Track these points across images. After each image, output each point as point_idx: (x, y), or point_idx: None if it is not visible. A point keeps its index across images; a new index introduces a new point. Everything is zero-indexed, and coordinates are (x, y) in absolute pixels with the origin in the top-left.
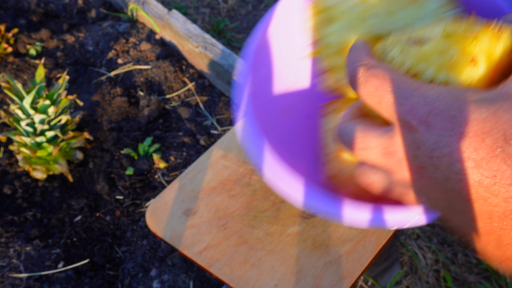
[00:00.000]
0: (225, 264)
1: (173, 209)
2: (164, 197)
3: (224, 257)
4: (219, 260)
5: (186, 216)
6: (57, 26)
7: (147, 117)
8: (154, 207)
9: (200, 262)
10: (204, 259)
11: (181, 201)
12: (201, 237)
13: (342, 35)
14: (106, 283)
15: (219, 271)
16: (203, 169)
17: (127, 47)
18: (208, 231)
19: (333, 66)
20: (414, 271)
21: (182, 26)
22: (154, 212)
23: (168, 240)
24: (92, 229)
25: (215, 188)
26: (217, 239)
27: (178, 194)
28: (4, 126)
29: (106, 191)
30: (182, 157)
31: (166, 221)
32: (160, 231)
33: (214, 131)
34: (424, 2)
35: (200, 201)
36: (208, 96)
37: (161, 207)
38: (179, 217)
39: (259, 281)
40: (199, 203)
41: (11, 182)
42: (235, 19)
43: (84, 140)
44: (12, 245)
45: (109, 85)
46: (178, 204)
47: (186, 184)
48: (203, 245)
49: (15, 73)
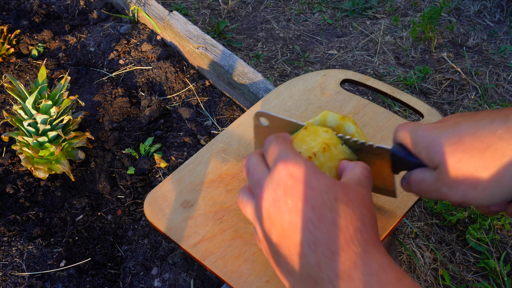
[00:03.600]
0: (219, 257)
1: (171, 200)
2: (163, 188)
3: (218, 251)
4: (213, 253)
5: (183, 208)
6: (59, 27)
7: (148, 117)
8: (153, 197)
9: (195, 254)
10: (198, 251)
11: (179, 193)
12: (197, 230)
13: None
14: (107, 281)
15: (213, 264)
16: (203, 162)
17: (128, 48)
18: (204, 223)
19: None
20: (413, 270)
21: (183, 27)
22: (152, 202)
23: (165, 230)
24: (93, 228)
25: (213, 182)
26: (212, 232)
27: (177, 185)
28: (7, 126)
29: (107, 191)
30: (183, 156)
31: (163, 211)
32: (157, 221)
33: (214, 131)
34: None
35: (198, 193)
36: (208, 96)
37: (159, 198)
38: (176, 208)
39: (251, 275)
40: (196, 195)
41: (13, 181)
42: (235, 20)
43: (86, 140)
44: (15, 244)
45: (111, 86)
46: (177, 196)
47: (185, 176)
48: (198, 238)
49: (18, 73)
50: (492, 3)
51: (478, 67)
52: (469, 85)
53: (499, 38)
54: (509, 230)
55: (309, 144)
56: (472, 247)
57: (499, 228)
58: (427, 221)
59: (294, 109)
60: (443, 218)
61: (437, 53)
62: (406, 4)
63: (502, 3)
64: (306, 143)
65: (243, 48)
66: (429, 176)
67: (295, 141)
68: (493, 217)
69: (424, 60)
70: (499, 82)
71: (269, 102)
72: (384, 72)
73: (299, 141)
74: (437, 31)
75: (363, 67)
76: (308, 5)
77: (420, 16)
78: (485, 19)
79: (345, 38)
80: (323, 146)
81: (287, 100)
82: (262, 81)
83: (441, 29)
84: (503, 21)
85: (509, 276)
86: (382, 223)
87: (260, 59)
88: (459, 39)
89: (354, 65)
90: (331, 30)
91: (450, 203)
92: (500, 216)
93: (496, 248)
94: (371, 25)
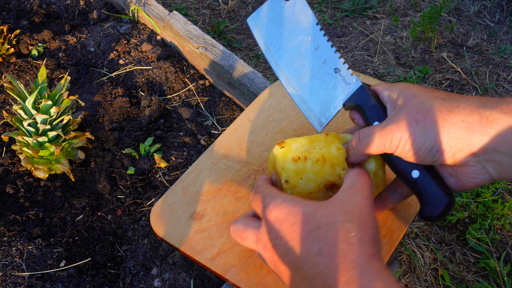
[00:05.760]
0: (241, 270)
1: (178, 213)
2: (167, 200)
3: (239, 263)
4: (233, 266)
5: (193, 220)
6: (59, 27)
7: (148, 117)
8: (158, 211)
9: (214, 269)
10: (218, 265)
11: (186, 204)
12: (212, 242)
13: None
14: (107, 281)
15: (235, 278)
16: (205, 170)
17: (128, 47)
18: (218, 235)
19: None
20: (413, 270)
21: (183, 27)
22: (158, 216)
23: (178, 246)
24: (93, 228)
25: (220, 190)
26: (229, 243)
27: (181, 196)
28: (7, 126)
29: (107, 191)
30: (183, 156)
31: (172, 225)
32: (168, 237)
33: (214, 131)
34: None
35: (206, 203)
36: (208, 96)
37: (166, 211)
38: (185, 221)
39: (277, 286)
40: (205, 205)
41: (13, 181)
42: (235, 20)
43: (86, 140)
44: (15, 244)
45: (111, 86)
46: (183, 207)
47: (189, 185)
48: (215, 251)
49: (18, 73)
50: (492, 3)
51: (478, 67)
52: (469, 85)
53: (499, 38)
54: (509, 230)
55: (311, 147)
56: (472, 247)
57: (499, 228)
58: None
59: (290, 109)
60: (443, 218)
61: (437, 53)
62: (406, 4)
63: (502, 3)
64: (311, 145)
65: (243, 48)
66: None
67: (303, 139)
68: (493, 217)
69: (424, 60)
70: (499, 82)
71: (263, 103)
72: (384, 72)
73: (308, 140)
74: (437, 31)
75: (363, 67)
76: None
77: (420, 16)
78: (485, 19)
79: (345, 38)
80: (318, 157)
81: (281, 100)
82: (262, 81)
83: (441, 29)
84: (503, 21)
85: (509, 276)
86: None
87: (260, 59)
88: (459, 39)
89: (354, 65)
90: (331, 30)
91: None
92: (500, 216)
93: (496, 248)
94: (371, 25)
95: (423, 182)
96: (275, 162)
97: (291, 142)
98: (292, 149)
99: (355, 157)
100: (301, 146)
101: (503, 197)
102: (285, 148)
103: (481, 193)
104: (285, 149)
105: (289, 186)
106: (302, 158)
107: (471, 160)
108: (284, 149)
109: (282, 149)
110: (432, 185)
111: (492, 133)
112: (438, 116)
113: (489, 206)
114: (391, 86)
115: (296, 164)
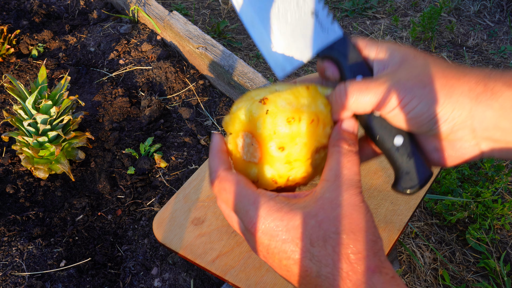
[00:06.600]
0: (240, 270)
1: (180, 219)
2: (170, 208)
3: (238, 264)
4: (233, 267)
5: (194, 226)
6: (59, 27)
7: (148, 117)
8: (160, 218)
9: (214, 271)
10: (218, 267)
11: (188, 211)
12: (212, 245)
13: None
14: (107, 281)
15: (235, 278)
16: (206, 177)
17: (128, 48)
18: (218, 238)
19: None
20: (413, 270)
21: (183, 27)
22: (161, 223)
23: (179, 250)
24: (93, 228)
25: None
26: (228, 246)
27: (183, 204)
28: (7, 126)
29: (107, 191)
30: (183, 156)
31: (174, 231)
32: (169, 243)
33: (214, 131)
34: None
35: (206, 209)
36: (208, 96)
37: (168, 218)
38: (187, 226)
39: (276, 285)
40: (206, 211)
41: (13, 181)
42: (235, 20)
43: (86, 140)
44: (15, 243)
45: (111, 86)
46: (185, 214)
47: (190, 193)
48: (215, 253)
49: (18, 73)
50: (492, 3)
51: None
52: None
53: (499, 38)
54: (509, 230)
55: (299, 105)
56: (472, 247)
57: (499, 228)
58: (427, 221)
59: None
60: (443, 218)
61: (437, 53)
62: (406, 4)
63: (502, 3)
64: (298, 102)
65: (243, 48)
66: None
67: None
68: (493, 217)
69: None
70: None
71: None
72: None
73: (294, 96)
74: (437, 31)
75: None
76: None
77: (420, 16)
78: (485, 19)
79: None
80: (313, 117)
81: None
82: (262, 81)
83: (441, 29)
84: (503, 21)
85: (509, 276)
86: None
87: (260, 59)
88: (459, 39)
89: None
90: None
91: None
92: (500, 216)
93: (496, 248)
94: (371, 25)
95: (406, 150)
96: (253, 123)
97: (275, 99)
98: (280, 108)
99: (337, 115)
100: (289, 103)
101: (503, 197)
102: (272, 106)
103: (481, 193)
104: (272, 107)
105: (283, 155)
106: (296, 119)
107: (466, 135)
108: (272, 108)
109: (268, 107)
110: (415, 155)
111: (496, 106)
112: (447, 83)
113: (489, 206)
114: (377, 43)
115: (291, 127)
